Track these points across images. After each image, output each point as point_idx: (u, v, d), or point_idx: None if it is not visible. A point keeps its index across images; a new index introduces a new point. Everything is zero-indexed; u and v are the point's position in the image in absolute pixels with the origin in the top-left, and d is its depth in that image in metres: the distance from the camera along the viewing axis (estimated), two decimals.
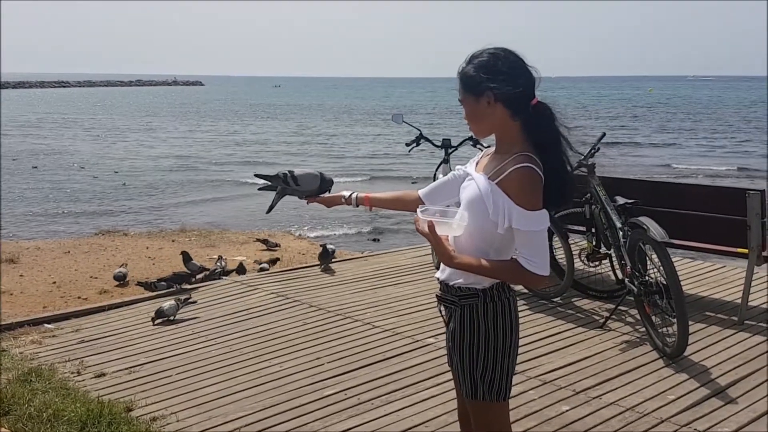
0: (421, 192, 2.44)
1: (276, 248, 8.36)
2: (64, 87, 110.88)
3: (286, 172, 2.67)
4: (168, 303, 5.10)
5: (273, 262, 7.26)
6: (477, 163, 2.22)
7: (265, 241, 8.55)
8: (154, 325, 5.00)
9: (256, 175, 2.82)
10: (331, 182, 2.68)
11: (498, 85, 2.05)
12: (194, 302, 5.29)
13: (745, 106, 58.46)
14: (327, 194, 2.66)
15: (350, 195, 2.58)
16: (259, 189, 2.83)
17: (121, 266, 6.90)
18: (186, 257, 6.47)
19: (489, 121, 2.11)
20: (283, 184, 2.67)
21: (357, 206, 2.56)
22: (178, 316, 5.06)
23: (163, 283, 6.03)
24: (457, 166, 2.32)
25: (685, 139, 30.31)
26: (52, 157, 23.55)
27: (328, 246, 6.72)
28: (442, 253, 2.09)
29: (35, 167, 20.54)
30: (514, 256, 2.07)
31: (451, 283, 2.18)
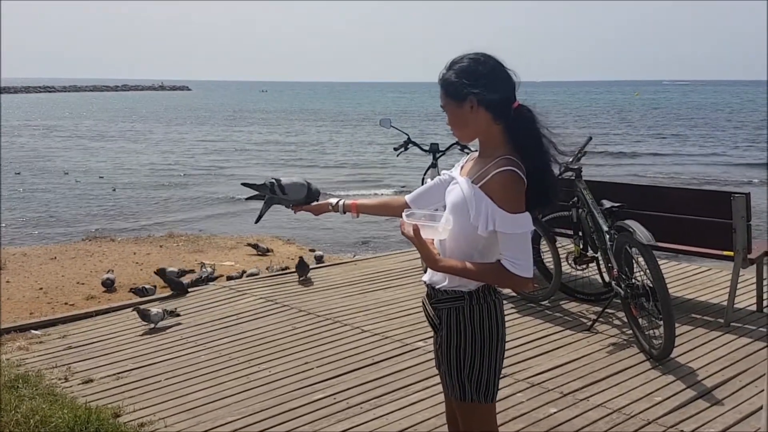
0: (407, 197, 2.45)
1: (267, 253, 8.32)
2: (50, 92, 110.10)
3: (273, 180, 2.64)
4: (155, 309, 5.08)
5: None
6: (462, 167, 2.24)
7: (255, 246, 8.50)
8: (132, 311, 5.06)
9: (243, 184, 2.78)
10: (318, 193, 2.63)
11: (480, 89, 2.07)
12: (178, 315, 5.20)
13: (734, 110, 58.75)
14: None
15: (337, 202, 2.56)
16: (247, 199, 2.80)
17: (108, 272, 6.86)
18: (161, 273, 6.30)
19: (472, 126, 2.13)
20: (270, 194, 2.64)
21: (344, 213, 2.53)
22: (162, 324, 5.02)
23: (153, 287, 6.00)
24: (443, 171, 2.34)
25: (681, 145, 30.19)
26: (37, 162, 23.36)
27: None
28: (426, 257, 2.10)
29: (18, 173, 20.37)
30: (498, 259, 2.08)
31: (437, 286, 2.19)
